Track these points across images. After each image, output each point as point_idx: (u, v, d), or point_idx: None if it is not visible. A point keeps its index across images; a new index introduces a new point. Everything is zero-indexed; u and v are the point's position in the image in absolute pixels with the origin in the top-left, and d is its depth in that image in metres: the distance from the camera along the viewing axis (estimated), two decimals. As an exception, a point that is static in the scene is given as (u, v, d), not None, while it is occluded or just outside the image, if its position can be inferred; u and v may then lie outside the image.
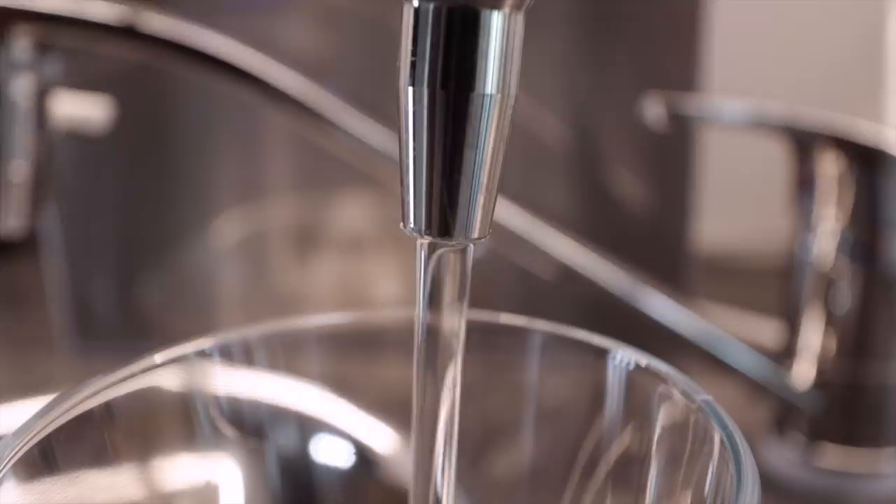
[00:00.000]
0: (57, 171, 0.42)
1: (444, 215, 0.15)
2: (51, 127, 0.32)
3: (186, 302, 0.46)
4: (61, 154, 0.42)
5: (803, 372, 0.36)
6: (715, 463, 0.16)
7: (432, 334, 0.17)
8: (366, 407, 0.26)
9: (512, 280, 0.43)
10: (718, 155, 0.48)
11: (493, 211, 0.16)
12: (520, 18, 0.15)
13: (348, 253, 0.46)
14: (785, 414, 0.37)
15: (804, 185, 0.36)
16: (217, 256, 0.46)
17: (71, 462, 0.18)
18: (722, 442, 0.16)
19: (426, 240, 0.16)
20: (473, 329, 0.17)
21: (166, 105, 0.44)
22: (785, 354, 0.37)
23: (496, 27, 0.15)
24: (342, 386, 0.24)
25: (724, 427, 0.16)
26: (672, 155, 0.44)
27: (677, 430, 0.18)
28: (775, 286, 0.38)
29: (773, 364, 0.36)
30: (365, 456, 0.26)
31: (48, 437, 0.17)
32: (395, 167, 0.16)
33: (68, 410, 0.17)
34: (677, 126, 0.40)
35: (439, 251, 0.16)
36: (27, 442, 0.16)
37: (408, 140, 0.15)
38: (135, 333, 0.46)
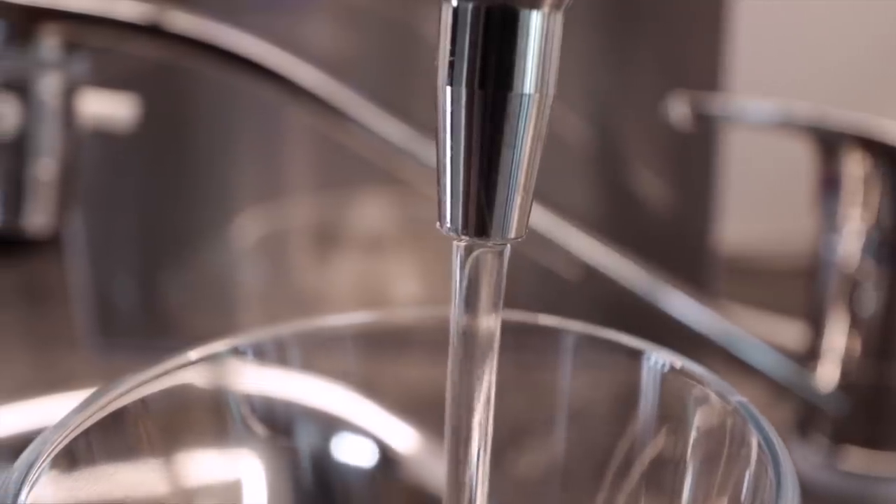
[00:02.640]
0: (80, 169, 0.42)
1: (481, 215, 0.15)
2: (78, 125, 0.32)
3: (208, 300, 0.46)
4: (85, 152, 0.42)
5: (827, 373, 0.36)
6: (752, 467, 0.16)
7: (468, 336, 0.16)
8: (389, 407, 0.26)
9: (534, 279, 0.43)
10: (742, 154, 0.48)
11: (530, 211, 0.16)
12: (559, 18, 0.15)
13: (369, 252, 0.46)
14: (808, 416, 0.37)
15: (829, 185, 0.35)
16: (238, 255, 0.46)
17: (106, 457, 0.18)
18: (759, 445, 0.16)
19: (463, 241, 0.16)
20: (506, 329, 0.17)
21: (190, 104, 0.44)
22: (809, 356, 0.37)
23: (535, 27, 0.15)
24: (366, 385, 0.24)
25: (761, 430, 0.16)
26: (696, 154, 0.44)
27: (713, 434, 0.17)
28: (799, 287, 0.38)
29: (796, 365, 0.36)
30: (388, 455, 0.26)
31: (86, 432, 0.17)
32: (417, 165, 0.16)
33: (105, 406, 0.17)
34: (701, 125, 0.40)
35: (476, 252, 0.16)
36: (66, 436, 0.16)
37: (445, 140, 0.15)
38: (156, 332, 0.46)
